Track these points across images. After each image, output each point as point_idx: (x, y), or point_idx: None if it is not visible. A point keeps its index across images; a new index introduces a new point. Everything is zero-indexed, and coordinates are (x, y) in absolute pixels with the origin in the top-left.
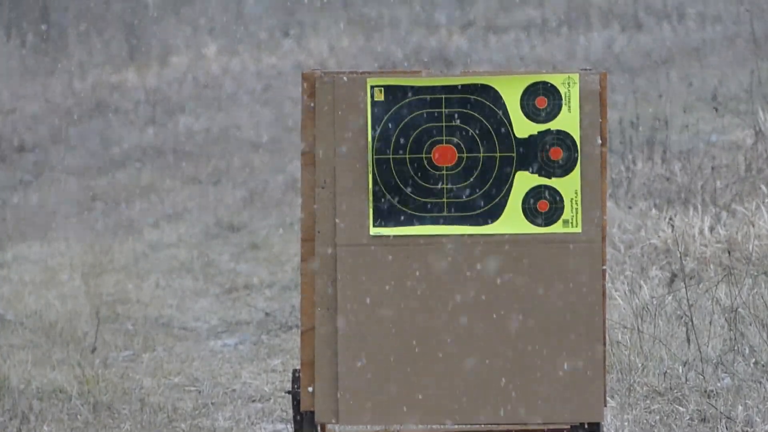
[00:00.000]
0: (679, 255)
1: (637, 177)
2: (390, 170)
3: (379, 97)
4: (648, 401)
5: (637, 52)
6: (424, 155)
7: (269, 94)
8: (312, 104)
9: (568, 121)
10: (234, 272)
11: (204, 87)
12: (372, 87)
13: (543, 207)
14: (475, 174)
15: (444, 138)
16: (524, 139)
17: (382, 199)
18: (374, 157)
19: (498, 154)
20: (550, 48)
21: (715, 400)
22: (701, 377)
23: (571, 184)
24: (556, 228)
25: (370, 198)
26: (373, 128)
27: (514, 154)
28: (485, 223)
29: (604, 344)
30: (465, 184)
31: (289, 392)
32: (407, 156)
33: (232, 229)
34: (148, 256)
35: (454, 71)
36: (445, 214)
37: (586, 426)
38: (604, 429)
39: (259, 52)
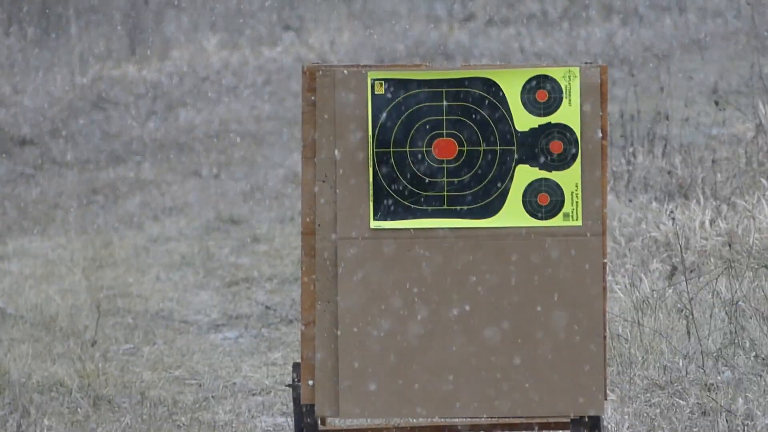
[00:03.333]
0: (679, 248)
1: (637, 170)
2: (390, 163)
3: (380, 90)
4: (648, 394)
5: (637, 46)
6: (424, 148)
7: (270, 87)
8: (313, 98)
9: (568, 114)
10: (234, 266)
11: (204, 80)
12: (373, 80)
13: (543, 200)
14: (476, 167)
15: (444, 131)
16: (525, 133)
17: (383, 193)
18: (375, 150)
19: (498, 148)
20: (550, 41)
21: (716, 394)
22: (701, 370)
23: (572, 178)
24: (557, 221)
25: (371, 191)
26: (374, 121)
27: (515, 148)
28: (486, 216)
29: (605, 337)
30: (465, 177)
31: (289, 385)
32: (408, 149)
33: (232, 222)
34: (148, 249)
35: (455, 65)
36: (445, 207)
37: (586, 419)
38: (605, 422)
39: (260, 45)
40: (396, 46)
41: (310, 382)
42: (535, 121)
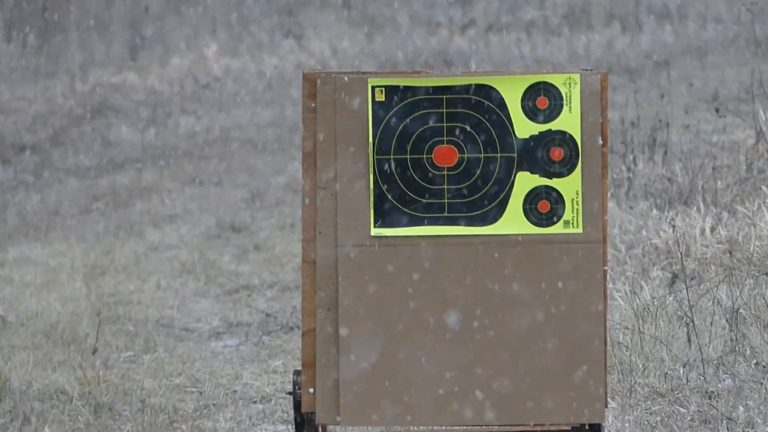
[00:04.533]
0: (680, 255)
1: (638, 177)
2: (391, 171)
3: (380, 97)
4: (649, 402)
5: (638, 53)
6: (425, 156)
7: (270, 94)
8: (313, 104)
9: (569, 121)
10: (235, 273)
11: (205, 87)
12: (373, 87)
13: (544, 207)
14: (476, 174)
15: (445, 138)
16: (525, 140)
17: (383, 200)
18: (375, 157)
19: (499, 155)
20: (551, 48)
21: (716, 401)
22: (702, 378)
23: (572, 185)
24: (557, 228)
25: (371, 199)
26: (374, 128)
27: (515, 155)
28: (486, 223)
29: (605, 345)
30: (466, 184)
31: (290, 393)
32: (408, 156)
33: (233, 229)
34: (149, 257)
35: (455, 71)
36: (446, 214)
37: (587, 427)
38: (605, 430)
39: (260, 52)
40: (396, 52)
41: (311, 390)
42: (536, 128)
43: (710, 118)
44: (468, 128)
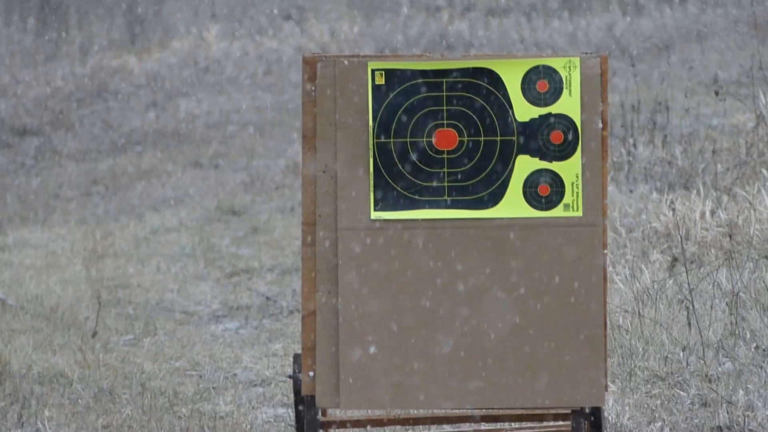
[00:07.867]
0: (680, 239)
1: (637, 161)
2: (391, 154)
3: (380, 80)
4: (649, 385)
5: (638, 36)
6: (424, 139)
7: (270, 78)
8: (313, 88)
9: (569, 104)
10: (235, 256)
11: (205, 71)
12: (373, 71)
13: (544, 191)
14: (476, 158)
15: (445, 122)
16: (525, 123)
17: (383, 183)
18: (375, 141)
19: (499, 138)
20: (551, 32)
21: (716, 385)
22: (702, 361)
23: (572, 168)
24: (557, 212)
25: (371, 182)
26: (374, 112)
27: (515, 138)
28: (486, 207)
29: (605, 328)
30: (466, 168)
31: (290, 377)
32: (408, 140)
33: (233, 213)
34: (149, 240)
35: (455, 55)
36: (446, 198)
37: (587, 410)
38: (605, 413)
39: (260, 36)
40: (396, 36)
41: (311, 374)
42: (536, 112)
43: (710, 102)
44: (468, 112)
